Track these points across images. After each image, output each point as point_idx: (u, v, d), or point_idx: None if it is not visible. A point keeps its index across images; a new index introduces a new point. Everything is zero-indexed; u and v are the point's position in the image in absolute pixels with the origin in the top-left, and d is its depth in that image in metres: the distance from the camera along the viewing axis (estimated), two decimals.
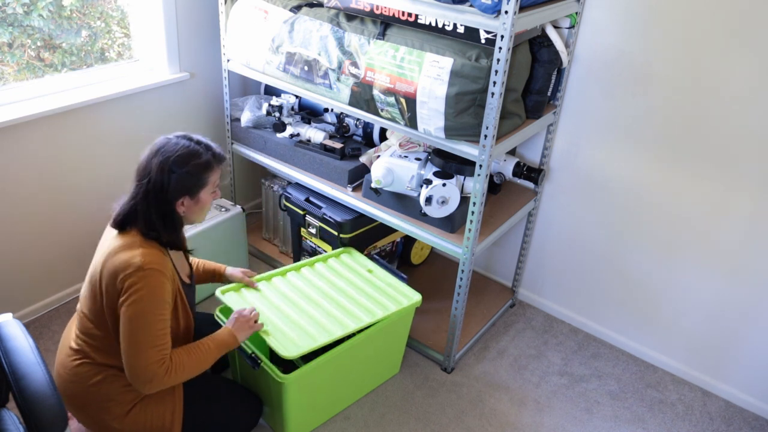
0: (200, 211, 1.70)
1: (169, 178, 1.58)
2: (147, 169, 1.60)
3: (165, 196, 1.59)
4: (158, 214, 1.60)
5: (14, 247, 2.27)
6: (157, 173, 1.58)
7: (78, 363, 1.68)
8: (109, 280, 1.56)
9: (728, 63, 1.94)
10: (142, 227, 1.60)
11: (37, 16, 2.18)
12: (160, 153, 1.60)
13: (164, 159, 1.59)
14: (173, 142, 1.63)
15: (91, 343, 1.67)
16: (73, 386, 1.69)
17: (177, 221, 1.66)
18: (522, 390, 2.28)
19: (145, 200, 1.60)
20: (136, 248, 1.56)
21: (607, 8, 2.09)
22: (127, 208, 1.62)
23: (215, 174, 1.67)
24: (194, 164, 1.61)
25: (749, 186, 2.03)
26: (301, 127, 2.48)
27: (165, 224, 1.62)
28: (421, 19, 1.91)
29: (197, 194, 1.64)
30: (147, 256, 1.55)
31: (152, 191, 1.59)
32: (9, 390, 1.37)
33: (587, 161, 2.34)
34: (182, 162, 1.59)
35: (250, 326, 1.80)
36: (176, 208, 1.63)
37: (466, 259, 2.08)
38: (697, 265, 2.23)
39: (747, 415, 2.27)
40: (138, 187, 1.61)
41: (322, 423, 2.08)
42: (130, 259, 1.54)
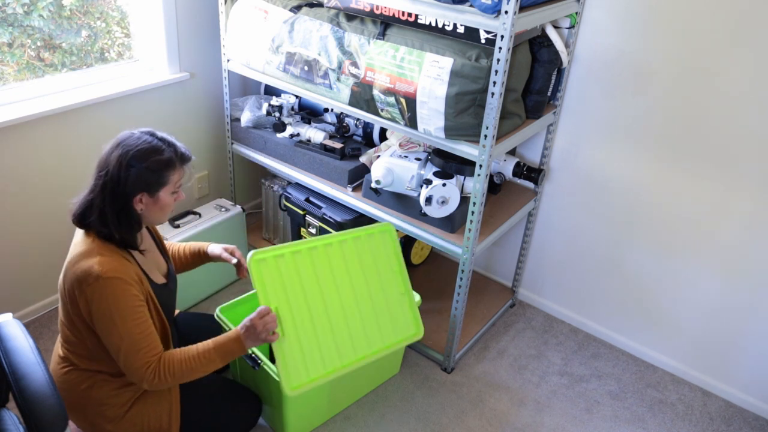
0: (160, 211, 1.62)
1: (127, 173, 1.51)
2: (106, 162, 1.53)
3: (122, 190, 1.52)
4: (113, 210, 1.53)
5: (14, 247, 2.27)
6: (116, 167, 1.51)
7: (66, 370, 1.67)
8: (71, 290, 1.52)
9: (728, 63, 1.94)
10: (96, 223, 1.54)
11: (37, 16, 2.18)
12: (121, 146, 1.53)
13: (124, 152, 1.52)
14: (135, 136, 1.56)
15: (72, 350, 1.66)
16: (65, 393, 1.68)
17: (133, 219, 1.57)
18: (522, 390, 2.28)
19: (102, 194, 1.53)
20: (94, 256, 1.50)
21: (607, 8, 2.09)
22: (84, 201, 1.56)
23: (177, 173, 1.60)
24: (155, 160, 1.54)
25: (749, 186, 2.03)
26: (301, 127, 2.48)
27: (119, 221, 1.54)
28: (421, 19, 1.91)
29: (156, 192, 1.57)
30: (105, 264, 1.49)
31: (109, 185, 1.52)
32: (9, 390, 1.37)
33: (587, 161, 2.34)
34: (142, 157, 1.52)
35: (263, 338, 1.65)
36: (134, 205, 1.55)
37: (466, 259, 2.08)
38: (697, 265, 2.23)
39: (747, 415, 2.27)
40: (96, 179, 1.55)
41: (322, 423, 2.08)
42: (89, 269, 1.48)
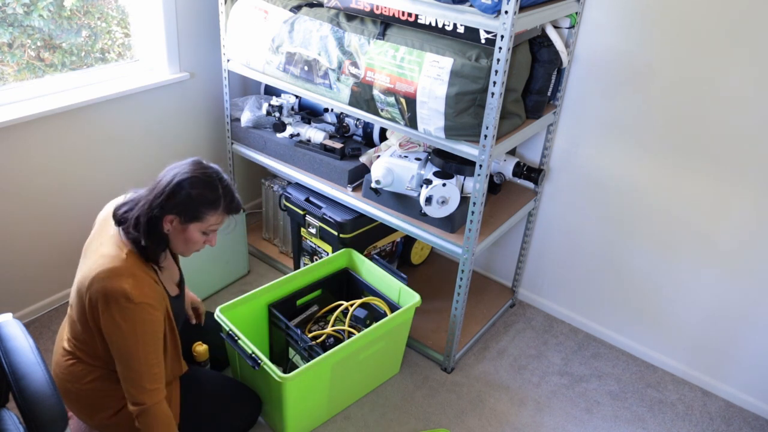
0: (184, 242, 1.63)
1: (172, 190, 1.55)
2: (166, 173, 1.60)
3: (160, 203, 1.55)
4: (146, 217, 1.56)
5: (14, 247, 2.27)
6: (168, 180, 1.57)
7: (71, 362, 1.70)
8: (99, 303, 1.52)
9: (728, 63, 1.94)
10: (131, 223, 1.56)
11: (37, 16, 2.18)
12: (186, 165, 1.59)
13: (181, 172, 1.57)
14: (204, 165, 1.61)
15: (80, 347, 1.68)
16: (69, 385, 1.70)
17: (159, 235, 1.59)
18: (522, 390, 2.28)
19: (146, 198, 1.58)
20: (128, 276, 1.52)
21: (607, 8, 2.09)
22: (133, 200, 1.60)
23: (216, 217, 1.61)
24: (201, 193, 1.57)
25: (749, 186, 2.03)
26: (301, 127, 2.48)
27: (148, 230, 1.56)
28: (421, 19, 1.91)
29: (188, 223, 1.59)
30: (137, 288, 1.51)
31: (155, 192, 1.57)
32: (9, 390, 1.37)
33: (587, 161, 2.34)
34: (194, 184, 1.56)
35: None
36: (164, 222, 1.58)
37: (466, 259, 2.08)
38: (697, 264, 2.23)
39: (747, 415, 2.27)
40: (152, 183, 1.60)
41: (322, 423, 2.08)
42: (121, 290, 1.49)
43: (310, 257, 2.61)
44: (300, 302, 2.25)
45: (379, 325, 2.00)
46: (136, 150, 2.55)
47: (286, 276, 2.20)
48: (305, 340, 1.98)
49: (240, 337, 1.90)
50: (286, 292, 2.20)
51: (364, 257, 2.32)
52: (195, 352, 2.01)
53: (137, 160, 2.57)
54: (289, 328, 2.05)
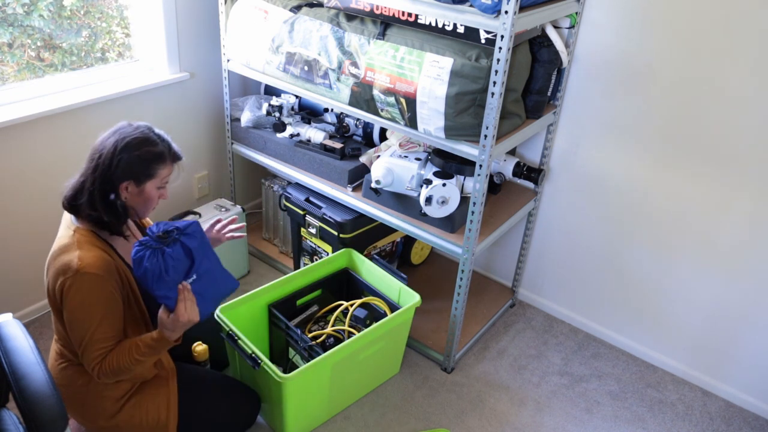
0: (144, 203, 1.64)
1: (119, 158, 1.55)
2: (101, 147, 1.58)
3: (110, 174, 1.55)
4: (101, 194, 1.56)
5: (14, 247, 2.27)
6: (109, 151, 1.55)
7: (63, 366, 1.69)
8: (50, 282, 1.55)
9: (728, 63, 1.94)
10: (85, 206, 1.57)
11: (37, 16, 2.18)
12: (117, 133, 1.59)
13: (119, 139, 1.57)
14: (133, 126, 1.61)
15: (65, 345, 1.68)
16: (63, 389, 1.69)
17: (118, 205, 1.60)
18: (522, 390, 2.28)
19: (92, 176, 1.56)
20: (74, 250, 1.53)
21: (607, 8, 2.09)
22: (76, 184, 1.60)
23: (166, 169, 1.64)
24: (146, 150, 1.58)
25: (749, 186, 2.03)
26: (301, 127, 2.48)
27: (106, 205, 1.57)
28: (421, 19, 1.91)
29: (143, 183, 1.60)
30: (85, 258, 1.51)
31: (100, 168, 1.56)
32: (9, 390, 1.37)
33: (587, 161, 2.34)
34: (136, 146, 1.57)
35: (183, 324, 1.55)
36: (119, 191, 1.58)
37: (466, 259, 2.08)
38: (697, 264, 2.23)
39: (747, 415, 2.27)
40: (89, 162, 1.59)
41: (322, 423, 2.08)
42: (68, 263, 1.51)
43: (310, 257, 2.61)
44: (300, 302, 2.25)
45: (379, 325, 2.00)
46: None
47: (286, 276, 2.20)
48: (305, 340, 1.98)
49: (240, 337, 1.90)
50: (286, 292, 2.20)
51: (364, 257, 2.32)
52: (195, 352, 2.01)
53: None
54: (289, 328, 2.05)
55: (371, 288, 2.27)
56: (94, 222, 1.59)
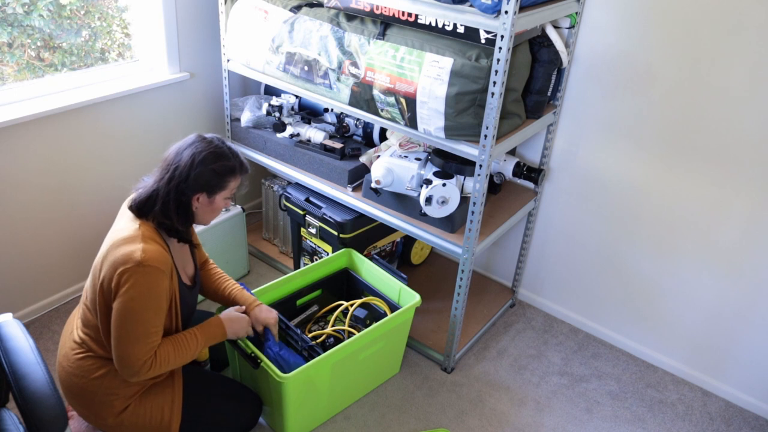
0: (211, 212, 1.73)
1: (196, 172, 1.62)
2: (177, 158, 1.64)
3: (186, 186, 1.62)
4: (175, 203, 1.63)
5: (14, 247, 2.27)
6: (186, 164, 1.62)
7: (81, 356, 1.70)
8: (107, 272, 1.57)
9: (728, 63, 1.94)
10: (158, 215, 1.63)
11: (37, 16, 2.18)
12: (193, 146, 1.65)
13: (196, 152, 1.63)
14: (207, 140, 1.68)
15: (92, 335, 1.69)
16: (76, 379, 1.70)
17: (190, 215, 1.68)
18: (522, 390, 2.28)
19: (167, 186, 1.63)
20: (138, 242, 1.57)
21: (607, 8, 2.09)
22: (150, 191, 1.64)
23: (235, 182, 1.72)
24: (221, 164, 1.65)
25: (749, 186, 2.03)
26: (301, 127, 2.48)
27: (179, 214, 1.65)
28: (421, 19, 1.91)
29: (214, 195, 1.68)
30: (148, 252, 1.55)
31: (176, 179, 1.62)
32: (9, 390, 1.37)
33: (587, 161, 2.34)
34: (212, 159, 1.64)
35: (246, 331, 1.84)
36: (192, 202, 1.66)
37: (466, 259, 2.08)
38: (697, 264, 2.23)
39: (747, 415, 2.27)
40: (163, 172, 1.65)
41: (322, 423, 2.08)
42: (131, 254, 1.54)
43: (310, 257, 2.61)
44: (300, 302, 2.26)
45: (379, 324, 2.00)
46: (136, 150, 2.55)
47: (286, 276, 2.21)
48: (305, 340, 1.98)
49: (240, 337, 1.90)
50: (286, 292, 2.21)
51: (364, 257, 2.32)
52: None
53: (137, 161, 2.57)
54: (289, 328, 2.05)
55: (371, 288, 2.27)
56: (164, 228, 1.66)
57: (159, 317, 1.60)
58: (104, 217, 2.52)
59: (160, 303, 1.59)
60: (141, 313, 1.55)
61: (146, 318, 1.56)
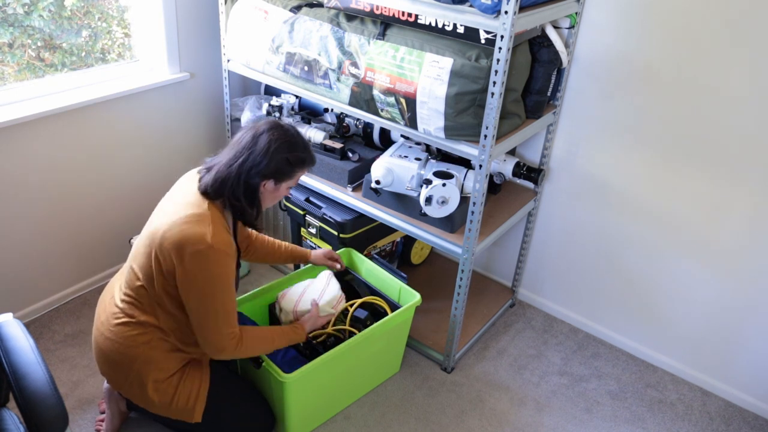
0: (273, 199, 1.74)
1: (270, 158, 1.63)
2: (253, 142, 1.65)
3: (258, 171, 1.63)
4: (245, 186, 1.64)
5: (15, 247, 2.27)
6: (262, 149, 1.63)
7: (122, 321, 1.70)
8: (172, 247, 1.57)
9: (728, 63, 1.94)
10: (230, 196, 1.64)
11: (37, 17, 2.18)
12: (270, 132, 1.66)
13: (273, 139, 1.64)
14: (285, 128, 1.69)
15: (136, 300, 1.69)
16: (116, 345, 1.70)
17: (257, 198, 1.69)
18: (522, 390, 2.28)
19: (239, 169, 1.63)
20: (207, 225, 1.58)
21: (607, 8, 2.09)
22: (223, 174, 1.64)
23: (302, 172, 1.74)
24: (295, 155, 1.67)
25: (749, 186, 2.04)
26: (301, 127, 2.48)
27: (246, 197, 1.66)
28: (421, 20, 1.91)
29: (281, 183, 1.70)
30: (217, 236, 1.58)
31: (249, 163, 1.63)
32: (9, 390, 1.37)
33: (587, 161, 2.35)
34: (287, 148, 1.65)
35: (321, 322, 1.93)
36: (259, 187, 1.67)
37: (466, 259, 2.08)
38: (696, 265, 2.23)
39: (747, 415, 2.27)
40: (239, 154, 1.65)
41: (322, 422, 2.08)
42: (201, 236, 1.55)
43: None
44: None
45: (380, 324, 2.00)
46: (136, 150, 2.55)
47: (287, 276, 2.21)
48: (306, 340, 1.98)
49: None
50: None
51: (364, 257, 2.33)
52: None
53: (137, 160, 2.57)
54: None
55: (371, 287, 2.27)
56: (235, 210, 1.67)
57: (233, 296, 1.64)
58: (104, 216, 2.52)
59: (231, 283, 1.63)
60: (218, 294, 1.59)
61: (223, 299, 1.60)
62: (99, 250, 2.56)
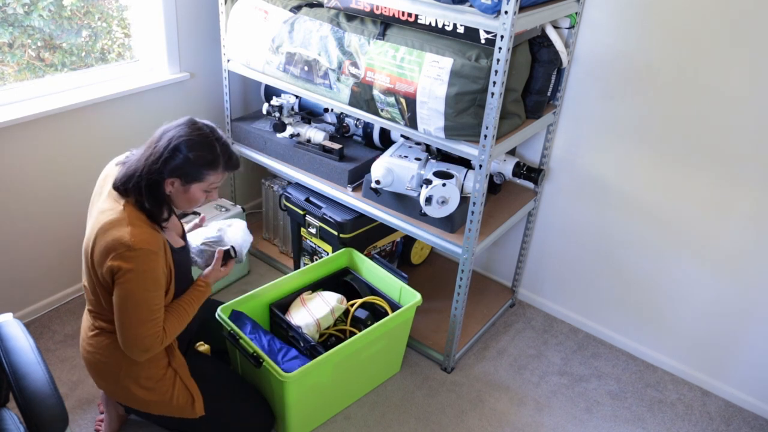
0: (187, 201, 1.67)
1: (170, 155, 1.57)
2: (158, 138, 1.60)
3: (159, 167, 1.57)
4: (147, 182, 1.58)
5: (14, 247, 2.27)
6: (164, 144, 1.57)
7: (95, 333, 1.72)
8: (99, 257, 1.55)
9: (728, 63, 1.94)
10: (133, 191, 1.59)
11: (37, 17, 2.18)
12: (178, 128, 1.60)
13: (175, 135, 1.58)
14: (197, 126, 1.62)
15: (97, 311, 1.70)
16: (97, 356, 1.71)
17: (161, 197, 1.62)
18: (522, 390, 2.28)
19: (144, 164, 1.58)
20: (125, 225, 1.54)
21: (607, 8, 2.09)
22: (130, 168, 1.60)
23: (217, 176, 1.65)
24: (200, 155, 1.59)
25: (749, 185, 2.04)
26: (301, 128, 2.48)
27: (150, 193, 1.59)
28: (421, 20, 1.91)
29: (189, 184, 1.62)
30: (136, 235, 1.53)
31: (151, 159, 1.58)
32: (9, 390, 1.37)
33: (587, 161, 2.35)
34: (191, 147, 1.58)
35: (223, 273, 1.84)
36: (164, 185, 1.60)
37: (466, 259, 2.08)
38: (696, 264, 2.23)
39: (747, 415, 2.27)
40: (144, 150, 1.61)
41: (322, 422, 2.08)
42: (120, 238, 1.52)
43: (310, 257, 2.61)
44: None
45: (380, 324, 2.00)
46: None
47: (287, 276, 2.21)
48: (307, 340, 1.98)
49: (242, 337, 1.90)
50: (286, 292, 2.21)
51: (364, 257, 2.33)
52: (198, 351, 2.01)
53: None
54: (290, 327, 2.05)
55: (372, 287, 2.27)
56: (138, 207, 1.61)
57: (159, 294, 1.59)
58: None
59: (158, 282, 1.57)
60: (141, 294, 1.55)
61: (147, 298, 1.56)
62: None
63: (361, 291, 2.24)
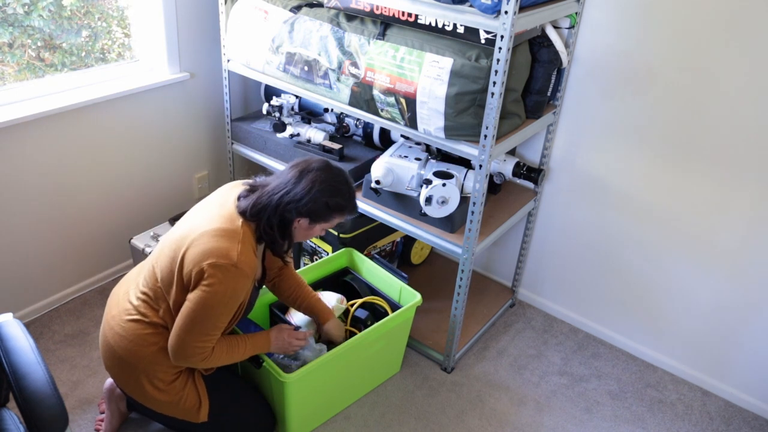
0: (305, 236, 1.74)
1: (309, 198, 1.63)
2: (299, 178, 1.65)
3: (294, 207, 1.63)
4: (280, 218, 1.64)
5: (14, 247, 2.27)
6: (304, 187, 1.63)
7: (134, 319, 1.70)
8: (196, 255, 1.57)
9: (728, 63, 1.94)
10: (264, 224, 1.64)
11: (37, 17, 2.18)
12: (320, 171, 1.66)
13: (317, 179, 1.64)
14: (334, 171, 1.69)
15: (152, 300, 1.69)
16: (125, 342, 1.69)
17: (288, 232, 1.69)
18: (522, 390, 2.28)
19: (278, 201, 1.64)
20: (237, 242, 1.58)
21: (607, 8, 2.09)
22: (265, 201, 1.64)
23: (340, 219, 1.73)
24: (336, 201, 1.67)
25: (749, 185, 2.04)
26: (301, 127, 2.48)
27: (279, 228, 1.66)
28: (421, 20, 1.91)
29: (315, 223, 1.70)
30: (243, 254, 1.58)
31: (289, 197, 1.63)
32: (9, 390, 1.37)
33: (587, 161, 2.35)
34: (328, 193, 1.65)
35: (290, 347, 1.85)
36: (293, 222, 1.67)
37: (466, 259, 2.08)
38: (696, 264, 2.23)
39: (747, 415, 2.27)
40: (282, 186, 1.65)
41: (322, 422, 2.08)
42: (227, 249, 1.56)
43: (310, 257, 2.61)
44: None
45: (381, 324, 2.00)
46: (136, 150, 2.55)
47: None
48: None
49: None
50: None
51: (364, 256, 2.33)
52: None
53: (137, 161, 2.57)
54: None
55: (372, 287, 2.27)
56: (265, 238, 1.67)
57: (228, 316, 1.63)
58: (104, 217, 2.52)
59: (235, 304, 1.62)
60: (215, 309, 1.57)
61: (219, 315, 1.59)
62: (99, 250, 2.56)
63: (361, 291, 2.24)
